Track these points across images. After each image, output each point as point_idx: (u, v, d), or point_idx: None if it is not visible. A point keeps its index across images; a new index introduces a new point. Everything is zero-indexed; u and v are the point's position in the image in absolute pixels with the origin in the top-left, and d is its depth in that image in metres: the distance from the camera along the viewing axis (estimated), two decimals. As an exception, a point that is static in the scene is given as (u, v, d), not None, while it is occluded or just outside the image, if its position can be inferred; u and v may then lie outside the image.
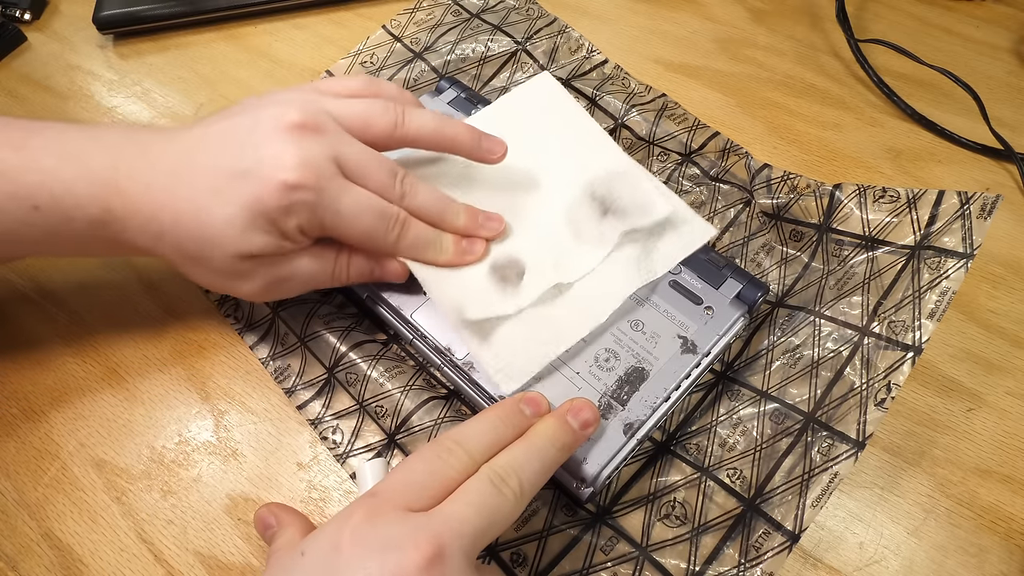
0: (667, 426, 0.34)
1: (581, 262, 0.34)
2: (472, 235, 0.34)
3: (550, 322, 0.33)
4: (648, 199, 0.35)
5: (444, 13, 0.49)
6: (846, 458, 0.29)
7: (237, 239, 0.29)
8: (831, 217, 0.37)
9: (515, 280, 0.33)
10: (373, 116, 0.32)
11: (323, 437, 0.35)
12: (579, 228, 0.35)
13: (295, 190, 0.28)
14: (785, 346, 0.35)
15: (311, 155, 0.29)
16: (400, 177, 0.32)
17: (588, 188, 0.36)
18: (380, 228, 0.31)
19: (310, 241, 0.31)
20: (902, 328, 0.31)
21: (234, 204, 0.28)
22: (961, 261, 0.31)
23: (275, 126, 0.29)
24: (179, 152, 0.30)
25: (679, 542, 0.31)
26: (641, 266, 0.34)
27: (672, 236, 0.35)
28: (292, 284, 0.32)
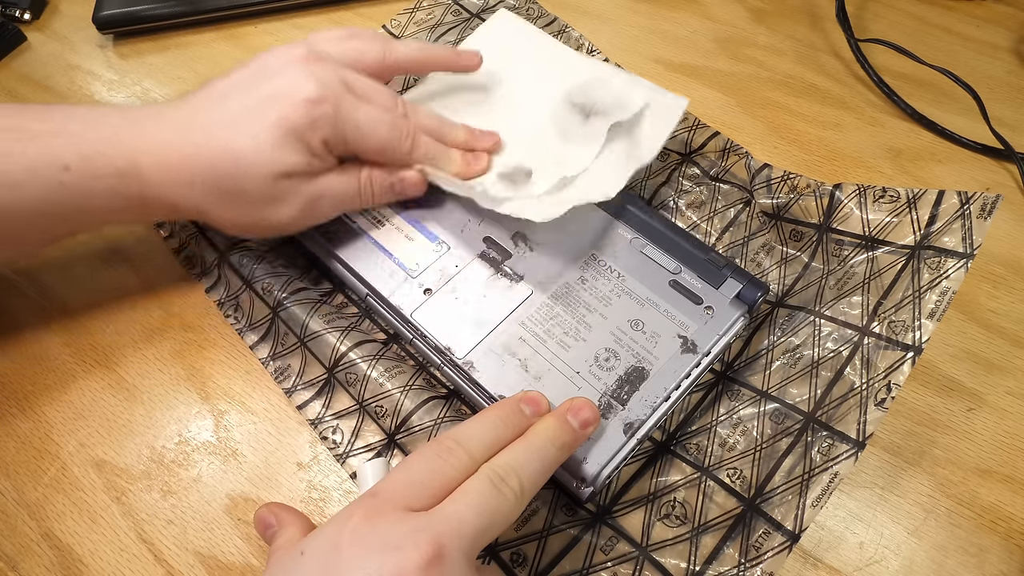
0: (667, 426, 0.34)
1: (579, 158, 0.38)
2: (472, 148, 0.37)
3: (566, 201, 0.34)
4: (622, 95, 0.39)
5: (444, 13, 0.49)
6: (846, 458, 0.29)
7: (271, 158, 0.31)
8: (831, 217, 0.37)
9: (524, 180, 0.37)
10: (363, 50, 0.36)
11: (323, 437, 0.35)
12: (567, 133, 0.39)
13: (317, 104, 0.31)
14: (785, 346, 0.34)
15: (324, 76, 0.32)
16: (400, 100, 0.35)
17: (567, 98, 0.40)
18: (394, 138, 0.34)
19: (335, 160, 0.34)
20: (902, 328, 0.31)
21: (264, 127, 0.31)
22: (961, 261, 0.31)
23: (286, 60, 0.32)
24: (195, 108, 0.32)
25: (679, 542, 0.31)
26: (633, 155, 0.37)
27: (651, 120, 0.38)
28: (324, 204, 0.34)
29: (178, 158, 0.31)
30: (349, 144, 0.33)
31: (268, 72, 0.32)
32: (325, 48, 0.34)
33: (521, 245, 0.36)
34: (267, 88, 0.32)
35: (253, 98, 0.32)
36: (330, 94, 0.32)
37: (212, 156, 0.31)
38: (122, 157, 0.31)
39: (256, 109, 0.31)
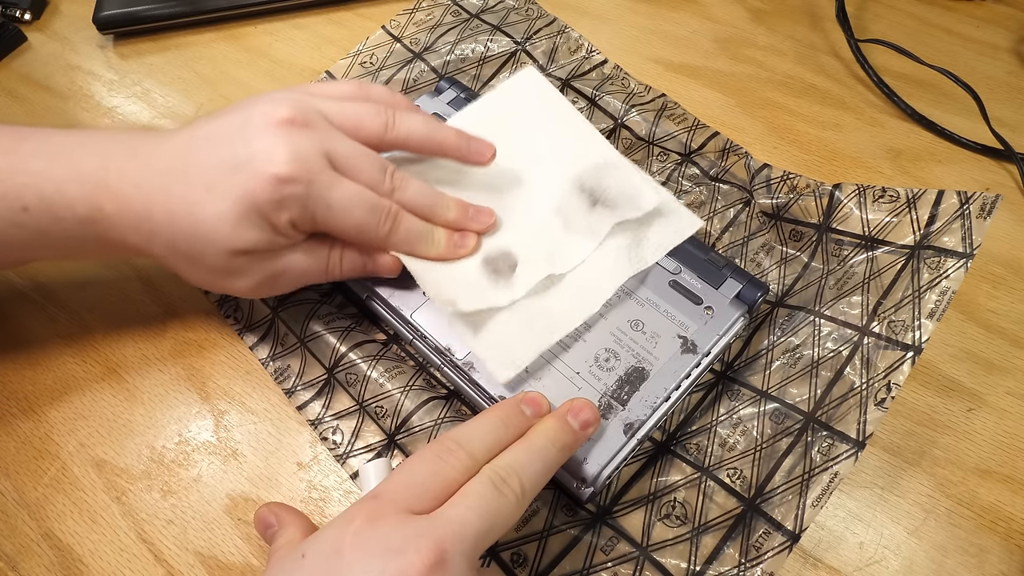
0: (667, 426, 0.34)
1: (572, 253, 0.34)
2: (463, 228, 0.34)
3: (544, 312, 0.33)
4: (636, 191, 0.36)
5: (444, 13, 0.49)
6: (846, 458, 0.29)
7: (230, 235, 0.29)
8: (831, 217, 0.37)
9: (507, 272, 0.34)
10: (364, 118, 0.32)
11: (323, 438, 0.35)
12: (569, 220, 0.35)
13: (286, 183, 0.29)
14: (785, 346, 0.35)
15: (301, 149, 0.29)
16: (390, 172, 0.32)
17: (577, 180, 0.37)
18: (371, 221, 0.31)
19: (303, 236, 0.31)
20: (902, 328, 0.31)
21: (227, 199, 0.28)
22: (961, 261, 0.31)
23: (265, 122, 0.29)
24: (170, 151, 0.30)
25: (679, 542, 0.31)
26: (632, 256, 0.34)
27: (661, 226, 0.35)
28: (286, 280, 0.32)
29: (142, 207, 0.29)
30: (319, 225, 0.31)
31: (246, 131, 0.30)
32: (322, 106, 0.31)
33: None
34: (240, 152, 0.29)
35: (224, 161, 0.29)
36: (303, 172, 0.29)
37: (173, 214, 0.29)
38: (86, 199, 0.29)
39: (224, 175, 0.29)
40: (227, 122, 0.30)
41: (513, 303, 0.33)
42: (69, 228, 0.30)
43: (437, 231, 0.33)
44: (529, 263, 0.34)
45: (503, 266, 0.34)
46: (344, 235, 0.32)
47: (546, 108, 0.39)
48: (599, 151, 0.38)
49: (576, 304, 0.33)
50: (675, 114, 0.44)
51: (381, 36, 0.48)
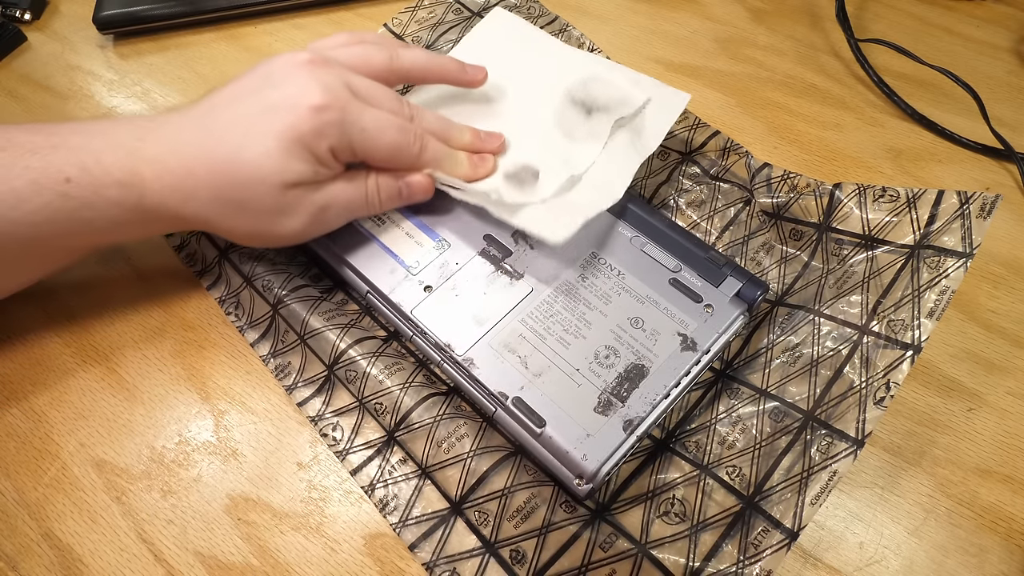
0: (666, 423, 0.34)
1: (584, 155, 0.38)
2: (478, 150, 0.37)
3: (575, 203, 0.35)
4: (623, 92, 0.39)
5: (445, 11, 0.49)
6: (845, 456, 0.29)
7: (278, 168, 0.30)
8: (831, 216, 0.37)
9: (532, 180, 0.36)
10: (369, 54, 0.35)
11: (323, 434, 0.35)
12: (571, 130, 0.39)
13: (323, 111, 0.31)
14: (784, 344, 0.34)
15: (328, 82, 0.31)
16: (406, 102, 0.35)
17: (568, 95, 0.40)
18: (404, 141, 0.33)
19: (342, 167, 0.33)
20: (901, 327, 0.31)
21: (270, 136, 0.30)
22: (960, 260, 0.31)
23: (290, 65, 0.32)
24: (200, 115, 0.32)
25: (678, 539, 0.31)
26: (637, 146, 0.38)
27: (654, 112, 0.39)
28: (331, 213, 0.34)
29: (180, 165, 0.31)
30: (356, 150, 0.33)
31: (272, 79, 0.32)
32: (330, 53, 0.34)
33: (521, 243, 0.36)
34: (272, 95, 0.31)
35: (257, 105, 0.31)
36: (335, 100, 0.31)
37: (216, 164, 0.31)
38: (123, 166, 0.30)
39: (261, 117, 0.31)
40: (250, 78, 0.33)
41: (545, 201, 0.35)
42: (109, 196, 0.31)
43: (458, 152, 0.36)
44: (549, 170, 0.37)
45: (527, 176, 0.36)
46: (379, 158, 0.34)
47: (523, 38, 0.44)
48: (581, 65, 0.41)
49: (602, 193, 0.36)
50: (676, 113, 0.44)
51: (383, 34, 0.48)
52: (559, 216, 0.34)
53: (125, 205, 0.31)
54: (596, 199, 0.35)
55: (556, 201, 0.35)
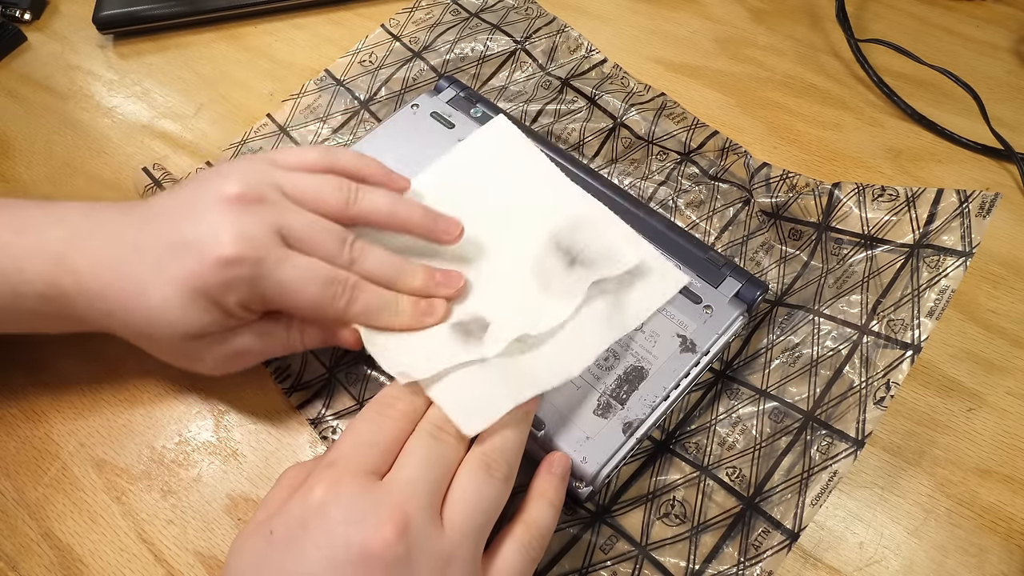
0: (666, 425, 0.34)
1: (550, 315, 0.32)
2: (430, 295, 0.32)
3: (518, 370, 0.30)
4: (615, 248, 0.34)
5: (443, 12, 0.49)
6: (845, 456, 0.29)
7: (177, 319, 0.28)
8: (830, 216, 0.37)
9: (479, 333, 0.31)
10: (323, 193, 0.31)
11: (323, 437, 0.35)
12: (546, 280, 0.33)
13: (232, 265, 0.28)
14: (784, 345, 0.35)
15: (249, 227, 0.28)
16: (349, 242, 0.31)
17: (553, 238, 0.35)
18: (327, 296, 0.30)
19: (256, 315, 0.30)
20: (901, 326, 0.31)
21: (172, 284, 0.28)
22: (960, 259, 0.31)
23: (214, 199, 0.29)
24: (129, 226, 0.30)
25: (678, 541, 0.31)
26: (613, 321, 0.32)
27: (643, 286, 0.34)
28: (247, 358, 0.32)
29: (97, 286, 0.29)
30: (271, 304, 0.30)
31: (196, 208, 0.29)
32: (281, 179, 0.31)
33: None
34: (187, 231, 0.28)
35: (171, 241, 0.28)
36: (250, 252, 0.28)
37: (125, 298, 0.29)
38: (43, 278, 0.29)
39: (170, 255, 0.28)
40: (181, 199, 0.30)
41: (483, 360, 0.30)
42: (29, 304, 0.29)
43: (402, 299, 0.32)
44: (502, 324, 0.31)
45: (475, 328, 0.32)
46: (300, 312, 0.30)
47: (518, 159, 0.38)
48: (575, 204, 0.36)
49: (554, 366, 0.30)
50: (674, 113, 0.44)
51: (380, 35, 0.48)
52: (479, 400, 0.28)
53: (45, 313, 0.30)
54: (543, 374, 0.30)
55: (493, 366, 0.30)
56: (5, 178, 0.44)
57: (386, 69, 0.47)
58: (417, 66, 0.47)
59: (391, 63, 0.47)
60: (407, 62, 0.47)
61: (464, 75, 0.47)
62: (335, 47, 0.50)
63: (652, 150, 0.43)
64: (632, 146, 0.44)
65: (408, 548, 0.23)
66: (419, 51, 0.47)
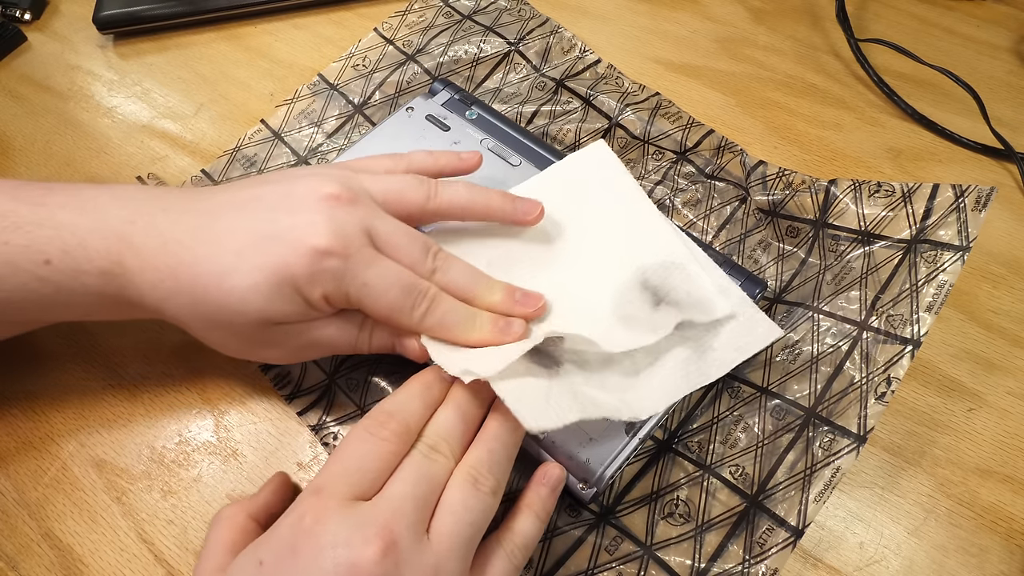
0: (668, 424, 0.34)
1: (627, 339, 0.31)
2: (509, 313, 0.31)
3: (588, 390, 0.30)
4: (706, 296, 0.32)
5: (436, 15, 0.49)
6: (848, 452, 0.29)
7: (261, 305, 0.28)
8: (827, 212, 0.37)
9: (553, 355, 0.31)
10: (406, 190, 0.32)
11: (324, 443, 0.34)
12: (627, 315, 0.32)
13: (324, 257, 0.28)
14: (784, 342, 0.35)
15: (343, 224, 0.28)
16: (433, 251, 0.31)
17: (640, 275, 0.33)
18: (406, 303, 0.29)
19: (334, 311, 0.30)
20: (900, 322, 0.31)
21: (261, 269, 0.28)
22: (957, 254, 0.31)
23: (311, 195, 0.29)
24: (204, 211, 0.30)
25: (683, 540, 0.31)
26: (691, 370, 0.31)
27: (729, 335, 0.32)
28: (314, 350, 0.32)
29: (166, 265, 0.28)
30: (352, 302, 0.29)
31: (289, 201, 0.29)
32: (366, 182, 0.31)
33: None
34: (280, 221, 0.28)
35: (263, 225, 0.28)
36: (342, 248, 0.28)
37: (201, 278, 0.28)
38: (108, 254, 0.28)
39: (260, 242, 0.28)
40: (270, 191, 0.30)
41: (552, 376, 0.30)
42: (88, 283, 0.29)
43: (481, 315, 0.31)
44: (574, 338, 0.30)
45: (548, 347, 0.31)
46: (376, 315, 0.30)
47: (614, 188, 0.36)
48: (668, 245, 0.34)
49: (624, 402, 0.30)
50: (670, 112, 0.44)
51: (374, 39, 0.48)
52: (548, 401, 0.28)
53: (104, 294, 0.29)
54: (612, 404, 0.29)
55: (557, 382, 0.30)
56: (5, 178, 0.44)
57: (380, 73, 0.47)
58: (411, 69, 0.47)
59: (385, 67, 0.47)
60: (400, 65, 0.47)
61: (458, 78, 0.47)
62: (335, 47, 0.50)
63: (648, 150, 0.43)
64: (628, 146, 0.44)
65: (396, 564, 0.23)
66: (412, 54, 0.47)
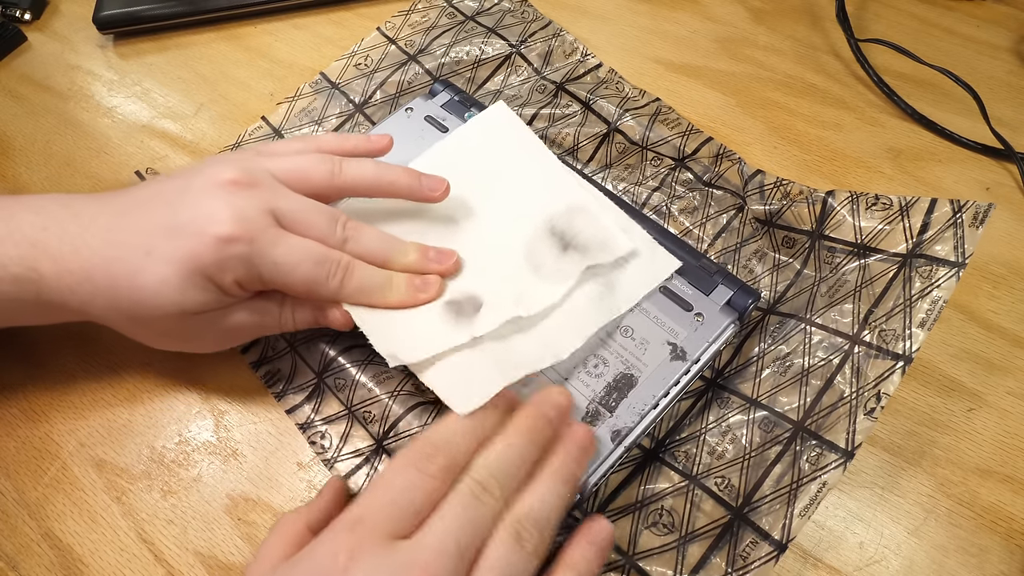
0: (656, 433, 0.34)
1: (541, 297, 0.33)
2: (424, 271, 0.33)
3: (508, 351, 0.31)
4: (609, 235, 0.34)
5: (439, 15, 0.49)
6: (835, 467, 0.29)
7: (175, 298, 0.28)
8: (823, 224, 0.37)
9: (471, 313, 0.32)
10: (309, 168, 0.32)
11: (312, 442, 0.35)
12: (538, 264, 0.34)
13: (229, 243, 0.28)
14: (775, 354, 0.34)
15: (244, 208, 0.29)
16: (342, 222, 0.31)
17: (547, 223, 0.35)
18: (320, 275, 0.30)
19: (250, 293, 0.31)
20: (893, 337, 0.31)
21: (169, 263, 0.28)
22: (953, 270, 0.31)
23: (208, 183, 0.29)
24: (111, 213, 0.30)
25: (666, 550, 0.31)
26: (603, 303, 0.33)
27: (634, 271, 0.34)
28: (240, 334, 0.32)
29: (80, 268, 0.29)
30: (266, 283, 0.30)
31: (188, 193, 0.29)
32: (268, 164, 0.31)
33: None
34: (181, 214, 0.29)
35: (166, 220, 0.29)
36: (246, 231, 0.28)
37: (115, 279, 0.29)
38: (21, 260, 0.28)
39: (165, 238, 0.28)
40: (170, 185, 0.30)
41: (474, 340, 0.31)
42: (6, 290, 0.29)
43: (396, 276, 0.32)
44: (495, 305, 0.32)
45: (468, 308, 0.32)
46: (294, 291, 0.31)
47: (517, 146, 0.38)
48: (571, 192, 0.36)
49: (545, 347, 0.31)
50: (669, 119, 0.44)
51: (376, 38, 0.48)
52: (472, 381, 0.29)
53: (22, 299, 0.29)
54: (533, 355, 0.31)
55: (483, 347, 0.31)
56: (5, 178, 0.44)
57: (381, 72, 0.47)
58: (412, 69, 0.47)
59: (386, 66, 0.47)
60: (402, 65, 0.47)
61: (459, 79, 0.47)
62: (336, 47, 0.50)
63: (646, 156, 0.43)
64: (626, 151, 0.44)
65: None
66: (414, 54, 0.47)
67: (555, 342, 0.31)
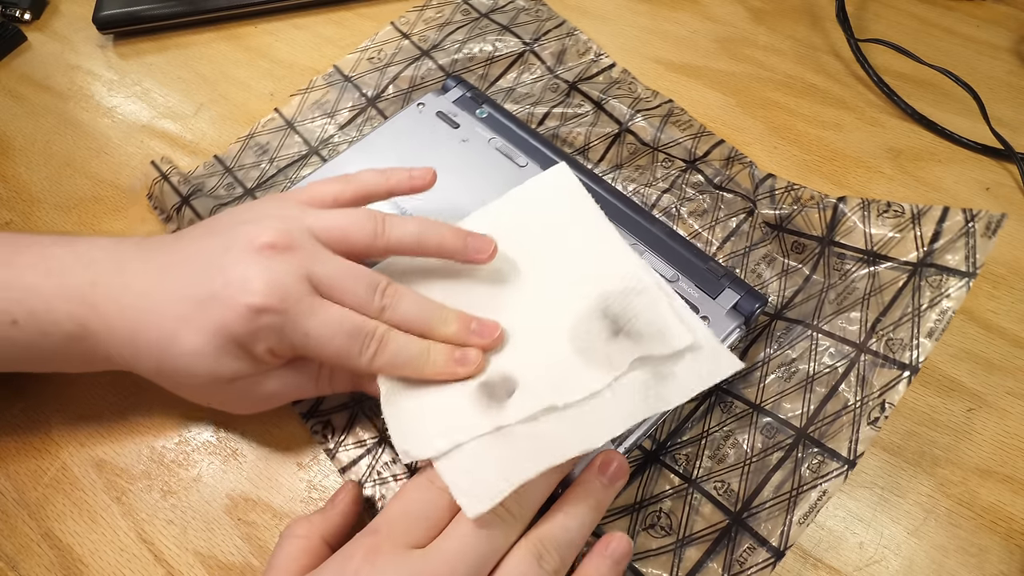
0: (657, 435, 0.34)
1: (582, 384, 0.29)
2: (465, 343, 0.31)
3: (534, 438, 0.28)
4: (667, 324, 0.30)
5: (453, 12, 0.49)
6: (836, 476, 0.29)
7: (209, 366, 0.29)
8: (834, 230, 0.37)
9: (503, 397, 0.29)
10: (351, 227, 0.31)
11: (313, 431, 0.35)
12: (585, 347, 0.31)
13: (261, 314, 0.27)
14: (781, 359, 0.34)
15: (279, 276, 0.28)
16: (381, 288, 0.30)
17: (600, 302, 0.32)
18: (353, 348, 0.29)
19: (285, 360, 0.30)
20: (900, 346, 0.31)
21: (202, 332, 0.28)
22: (963, 280, 0.31)
23: (246, 247, 0.29)
24: (153, 271, 0.30)
25: (662, 553, 0.30)
26: (650, 394, 0.29)
27: (690, 364, 0.30)
28: (276, 399, 0.32)
29: (125, 331, 0.29)
30: (298, 352, 0.29)
31: (226, 256, 0.29)
32: (309, 220, 0.30)
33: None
34: (216, 280, 0.28)
35: (201, 289, 0.28)
36: (279, 301, 0.27)
37: (154, 344, 0.29)
38: (71, 318, 0.29)
39: (199, 304, 0.28)
40: (210, 244, 0.30)
41: (498, 429, 0.28)
42: (56, 343, 0.30)
43: (435, 348, 0.30)
44: (530, 390, 0.29)
45: (500, 391, 0.30)
46: (327, 362, 0.31)
47: (574, 214, 0.35)
48: (629, 270, 0.32)
49: (574, 435, 0.28)
50: (681, 120, 0.44)
51: (390, 32, 0.48)
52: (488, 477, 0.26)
53: (72, 352, 0.30)
54: (561, 444, 0.27)
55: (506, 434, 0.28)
56: (5, 178, 0.44)
57: (394, 67, 0.47)
58: (425, 65, 0.47)
59: (400, 61, 0.47)
60: (415, 60, 0.47)
61: (472, 75, 0.47)
62: (336, 47, 0.50)
63: (657, 157, 0.43)
64: (637, 152, 0.44)
65: None
66: (428, 50, 0.47)
67: (588, 431, 0.28)
